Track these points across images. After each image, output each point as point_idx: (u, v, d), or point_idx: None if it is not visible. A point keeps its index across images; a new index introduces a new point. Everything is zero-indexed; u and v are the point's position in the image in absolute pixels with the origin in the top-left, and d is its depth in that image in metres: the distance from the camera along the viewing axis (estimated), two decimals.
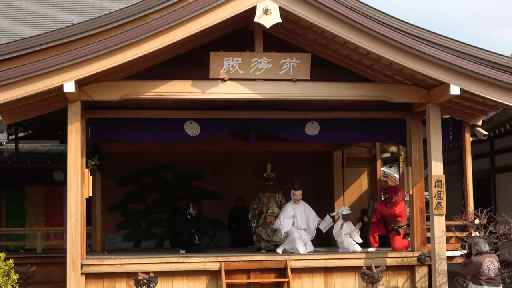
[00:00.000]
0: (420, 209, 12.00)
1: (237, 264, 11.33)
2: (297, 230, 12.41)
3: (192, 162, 17.53)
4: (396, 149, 17.18)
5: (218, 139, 14.95)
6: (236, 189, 17.55)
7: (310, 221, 12.67)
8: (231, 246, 16.76)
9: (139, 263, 11.09)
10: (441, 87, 11.11)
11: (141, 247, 17.29)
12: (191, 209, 13.49)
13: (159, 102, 11.75)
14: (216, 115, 12.01)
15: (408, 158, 12.15)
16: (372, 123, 12.49)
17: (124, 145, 15.09)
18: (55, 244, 16.17)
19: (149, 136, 12.12)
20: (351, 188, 16.42)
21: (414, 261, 11.77)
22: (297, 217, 12.58)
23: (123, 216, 17.39)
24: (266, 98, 11.32)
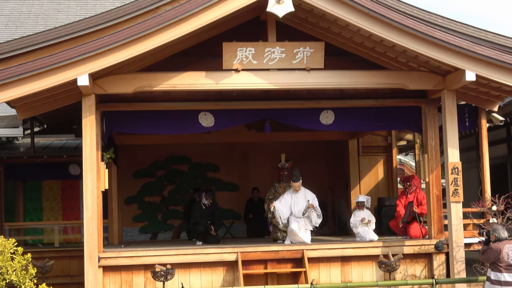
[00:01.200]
0: (437, 196, 11.96)
1: (253, 255, 11.34)
2: (296, 219, 12.32)
3: (208, 153, 17.57)
4: (411, 137, 17.13)
5: (232, 130, 14.98)
6: (251, 180, 17.59)
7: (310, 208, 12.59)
8: (247, 237, 16.80)
9: (156, 255, 11.13)
10: (456, 73, 11.04)
11: (158, 239, 17.36)
12: (203, 199, 13.51)
13: (172, 94, 11.76)
14: (230, 106, 12.00)
15: (424, 146, 12.09)
16: (387, 111, 12.44)
17: (139, 137, 15.13)
18: (72, 237, 16.29)
19: (164, 128, 12.13)
20: (367, 177, 16.39)
21: (431, 249, 11.73)
22: (296, 206, 12.45)
23: (140, 208, 17.45)
24: (280, 88, 11.30)
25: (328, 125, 12.34)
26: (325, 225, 18.17)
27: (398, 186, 15.98)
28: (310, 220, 12.41)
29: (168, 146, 16.86)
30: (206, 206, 13.56)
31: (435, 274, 11.61)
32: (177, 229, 17.52)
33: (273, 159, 15.20)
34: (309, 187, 16.57)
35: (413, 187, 13.11)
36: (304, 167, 17.12)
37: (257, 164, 17.71)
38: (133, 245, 13.69)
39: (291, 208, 12.45)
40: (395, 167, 16.52)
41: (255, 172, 17.71)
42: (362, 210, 12.78)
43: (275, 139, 16.23)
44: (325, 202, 18.24)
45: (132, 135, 14.86)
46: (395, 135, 16.66)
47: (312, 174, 17.63)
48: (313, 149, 17.82)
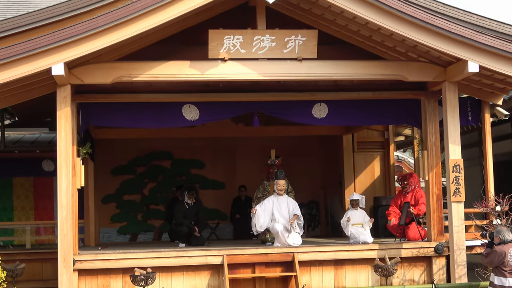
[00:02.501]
0: (437, 196, 12.01)
1: (240, 258, 11.36)
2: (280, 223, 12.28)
3: (192, 149, 17.55)
4: (410, 132, 17.19)
5: (219, 124, 14.96)
6: (239, 177, 17.59)
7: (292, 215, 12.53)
8: (234, 238, 16.81)
9: (135, 258, 11.12)
10: (458, 64, 11.08)
11: (137, 240, 17.34)
12: (187, 198, 13.50)
13: (154, 84, 11.74)
14: (216, 98, 11.99)
15: (424, 142, 12.13)
16: (384, 104, 12.47)
17: (118, 131, 15.09)
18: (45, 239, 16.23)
19: (145, 122, 12.10)
20: (363, 174, 16.43)
21: (431, 252, 11.78)
22: (278, 212, 12.39)
23: (118, 207, 17.42)
24: (269, 79, 11.30)
25: (321, 118, 12.36)
26: (317, 226, 18.23)
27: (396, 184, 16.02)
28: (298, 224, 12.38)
29: (149, 141, 16.83)
30: (190, 205, 13.56)
31: (435, 279, 11.66)
32: (159, 230, 17.50)
33: (262, 155, 15.22)
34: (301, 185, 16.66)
35: (411, 186, 13.17)
36: (296, 164, 17.21)
37: (245, 161, 17.71)
38: (111, 247, 13.66)
39: (273, 214, 12.38)
40: (393, 164, 16.57)
41: (242, 169, 17.70)
42: (356, 209, 12.80)
43: (264, 133, 16.22)
44: (317, 202, 18.30)
45: (111, 129, 14.82)
46: (393, 130, 16.70)
47: (304, 171, 17.69)
48: (305, 144, 17.83)
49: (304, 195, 17.47)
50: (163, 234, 17.43)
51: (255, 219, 12.39)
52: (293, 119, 12.71)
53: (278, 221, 12.27)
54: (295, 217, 12.29)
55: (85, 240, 14.53)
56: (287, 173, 13.15)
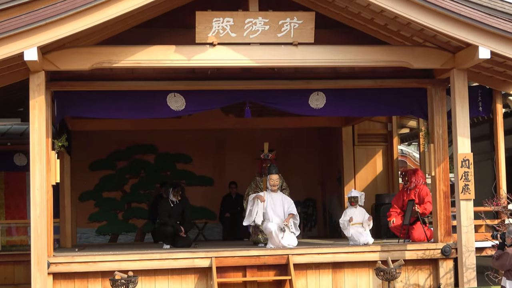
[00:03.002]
0: (444, 193, 12.03)
1: (230, 260, 11.36)
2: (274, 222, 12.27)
3: (177, 142, 17.54)
4: (415, 124, 17.19)
5: (207, 114, 14.95)
6: (229, 173, 17.59)
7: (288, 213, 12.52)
8: (223, 239, 16.83)
9: (116, 260, 11.10)
10: (468, 50, 11.09)
11: (118, 242, 17.34)
12: (172, 196, 13.49)
13: (137, 71, 11.72)
14: (204, 86, 11.97)
15: (430, 134, 12.15)
16: (388, 93, 12.47)
17: (97, 122, 15.06)
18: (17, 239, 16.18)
19: (126, 112, 12.08)
20: (364, 170, 16.45)
21: (437, 254, 11.81)
22: (272, 210, 12.39)
23: (97, 206, 17.40)
24: (262, 66, 11.29)
25: (318, 109, 12.36)
26: (314, 226, 18.26)
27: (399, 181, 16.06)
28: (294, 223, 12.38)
29: (131, 133, 16.80)
30: (175, 203, 13.55)
31: (442, 283, 11.70)
32: (141, 230, 17.49)
33: (254, 148, 15.21)
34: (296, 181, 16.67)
35: (413, 184, 13.18)
36: (291, 159, 17.22)
37: (236, 155, 17.70)
38: (89, 248, 13.65)
39: (267, 211, 12.37)
40: (396, 158, 16.60)
41: (233, 164, 17.70)
42: (354, 207, 12.81)
43: (257, 125, 16.22)
44: (314, 199, 18.32)
45: (89, 120, 14.78)
46: (397, 121, 16.72)
47: (300, 167, 17.71)
48: (301, 137, 17.84)
49: (300, 192, 17.48)
50: (146, 235, 17.42)
51: (258, 208, 12.34)
52: (288, 109, 12.70)
53: (271, 220, 12.27)
54: (291, 217, 12.29)
55: (60, 241, 14.51)
56: (282, 169, 13.16)
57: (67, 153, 14.19)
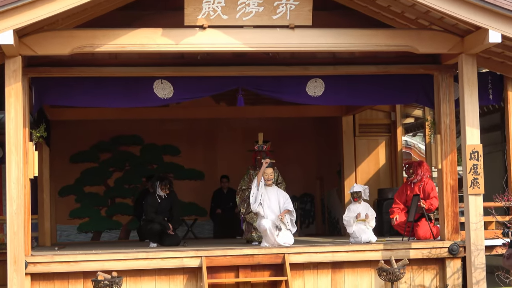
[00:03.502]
0: (452, 187, 12.05)
1: (222, 260, 11.37)
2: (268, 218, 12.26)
3: (165, 132, 17.54)
4: (421, 113, 17.22)
5: (197, 103, 14.94)
6: (220, 166, 17.60)
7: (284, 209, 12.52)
8: (214, 237, 16.84)
9: (98, 260, 11.10)
10: (477, 33, 11.09)
11: (101, 240, 17.34)
12: (159, 190, 13.50)
13: (121, 56, 11.70)
14: (193, 72, 11.96)
15: (437, 124, 12.16)
16: (391, 80, 12.48)
17: (78, 111, 15.05)
18: None
19: (109, 100, 12.07)
20: (365, 162, 16.47)
21: (444, 253, 11.84)
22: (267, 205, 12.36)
23: (78, 201, 17.41)
24: (256, 50, 11.28)
25: (316, 97, 12.36)
26: (312, 223, 18.28)
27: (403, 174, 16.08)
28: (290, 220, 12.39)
29: (115, 123, 16.78)
30: (162, 198, 13.55)
31: (449, 284, 11.73)
32: (126, 227, 17.50)
33: (247, 139, 15.20)
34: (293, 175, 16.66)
35: (418, 176, 13.19)
36: (287, 150, 17.22)
37: (228, 146, 17.71)
38: (69, 247, 13.65)
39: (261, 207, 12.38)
40: (400, 150, 16.62)
41: (224, 157, 17.71)
42: (358, 203, 12.83)
43: (250, 114, 16.22)
44: (312, 194, 18.34)
45: (69, 109, 14.77)
46: (401, 110, 16.74)
47: (297, 159, 17.73)
48: (298, 127, 17.84)
49: (297, 186, 17.51)
50: (131, 232, 17.43)
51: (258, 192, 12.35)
52: (284, 97, 12.70)
53: (266, 216, 12.28)
54: (285, 212, 12.29)
55: (39, 239, 14.51)
56: (277, 161, 13.15)
57: (46, 144, 14.18)
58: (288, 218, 12.31)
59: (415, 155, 24.49)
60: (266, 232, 12.15)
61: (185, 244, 13.29)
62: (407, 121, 18.48)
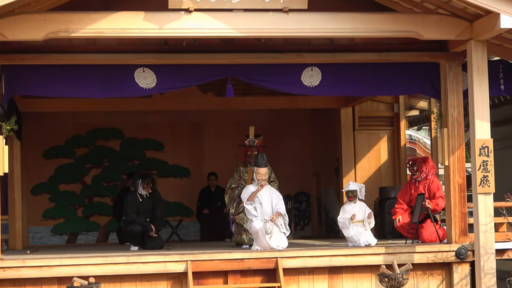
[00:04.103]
0: (460, 186, 12.07)
1: (209, 264, 11.38)
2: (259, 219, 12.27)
3: (147, 125, 17.54)
4: (426, 105, 17.23)
5: (182, 93, 14.93)
6: (208, 162, 17.62)
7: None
8: (201, 240, 16.84)
9: (74, 264, 11.09)
10: (488, 18, 11.10)
11: (77, 243, 17.33)
12: (140, 189, 13.50)
13: (99, 42, 11.69)
14: (178, 60, 11.95)
15: (443, 117, 12.19)
16: (394, 68, 12.50)
17: (52, 102, 15.04)
18: None
19: (86, 90, 12.05)
20: (366, 158, 16.49)
21: (451, 257, 11.87)
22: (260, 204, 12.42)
23: (52, 200, 17.39)
24: (247, 36, 11.27)
25: (312, 87, 12.37)
26: (307, 224, 18.31)
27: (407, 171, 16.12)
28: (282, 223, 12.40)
29: (93, 115, 16.79)
30: (144, 197, 13.56)
31: None
32: (104, 229, 17.50)
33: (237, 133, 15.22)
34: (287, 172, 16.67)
35: (423, 174, 13.21)
36: (280, 145, 17.24)
37: (216, 141, 17.72)
38: (43, 250, 13.64)
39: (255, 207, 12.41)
40: (404, 146, 16.64)
41: (212, 152, 17.72)
42: (353, 202, 12.83)
43: (240, 106, 16.22)
44: (308, 193, 18.36)
45: (43, 99, 14.75)
46: (404, 102, 16.75)
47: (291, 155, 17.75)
48: (292, 120, 17.85)
49: (291, 184, 17.54)
50: (110, 235, 17.43)
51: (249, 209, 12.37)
52: (277, 87, 12.71)
53: (258, 216, 12.29)
54: (278, 214, 12.29)
55: (9, 241, 14.49)
56: (270, 157, 13.14)
57: (17, 138, 14.16)
58: (281, 220, 12.32)
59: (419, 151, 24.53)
60: (257, 234, 12.16)
61: (169, 247, 13.30)
62: (411, 114, 18.49)
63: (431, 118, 14.55)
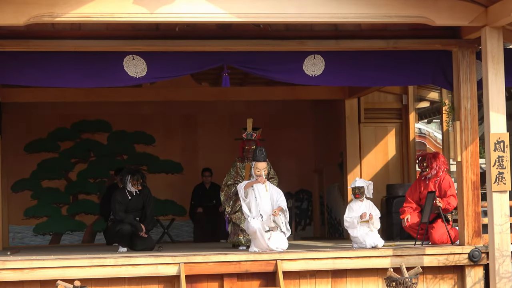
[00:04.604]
0: (473, 183, 12.07)
1: (204, 267, 11.38)
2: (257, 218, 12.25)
3: (137, 117, 17.54)
4: (437, 96, 17.24)
5: (174, 83, 14.93)
6: (202, 157, 17.61)
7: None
8: (195, 240, 16.85)
9: (58, 266, 11.09)
10: (504, 2, 11.09)
11: (61, 243, 17.33)
12: (129, 186, 13.49)
13: (85, 28, 11.67)
14: (170, 47, 11.94)
15: (456, 109, 12.18)
16: (402, 57, 12.49)
17: (35, 92, 15.02)
18: None
19: (72, 79, 12.02)
20: (372, 154, 16.50)
21: (463, 260, 11.87)
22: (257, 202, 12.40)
23: (35, 197, 17.39)
24: (245, 21, 11.26)
25: (315, 76, 12.36)
26: (309, 224, 18.32)
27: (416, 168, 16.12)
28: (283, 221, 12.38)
29: (78, 106, 16.78)
30: (134, 195, 13.56)
31: None
32: (91, 229, 17.50)
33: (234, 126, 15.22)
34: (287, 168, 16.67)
35: (433, 170, 13.21)
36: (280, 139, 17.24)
37: (211, 134, 17.73)
38: (24, 251, 13.65)
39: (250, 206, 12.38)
40: (413, 140, 16.65)
41: (207, 146, 17.72)
42: (360, 200, 12.82)
43: (237, 96, 16.21)
44: (309, 191, 18.37)
45: (24, 89, 14.74)
46: (414, 93, 16.75)
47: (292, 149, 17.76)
48: (293, 112, 17.86)
49: (292, 182, 17.55)
50: (96, 235, 17.43)
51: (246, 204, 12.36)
52: (276, 76, 12.70)
53: (255, 215, 12.28)
54: (280, 209, 12.26)
55: None
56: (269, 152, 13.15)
57: None
58: (282, 217, 12.29)
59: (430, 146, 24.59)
60: (255, 235, 12.15)
61: (160, 248, 13.30)
62: (421, 105, 18.48)
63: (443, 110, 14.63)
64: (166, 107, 17.35)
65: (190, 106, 17.44)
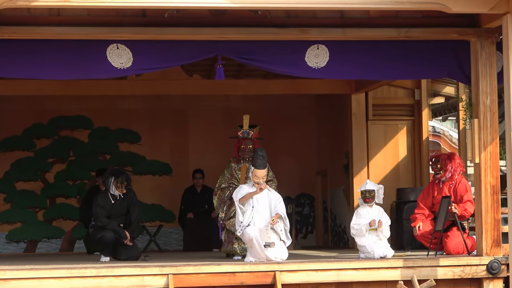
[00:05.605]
0: (492, 188, 12.08)
1: (194, 279, 11.40)
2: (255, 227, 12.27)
3: (121, 113, 17.55)
4: (453, 91, 17.27)
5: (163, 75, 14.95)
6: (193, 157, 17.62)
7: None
8: (185, 249, 16.86)
9: (34, 277, 11.09)
10: None
11: (37, 252, 17.34)
12: (112, 188, 13.50)
13: (64, 13, 11.67)
14: (158, 35, 11.95)
15: (474, 105, 12.21)
16: (415, 47, 12.51)
17: (8, 85, 15.02)
18: None
19: (49, 70, 12.03)
20: (381, 154, 16.53)
21: (481, 272, 11.89)
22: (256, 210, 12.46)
23: (8, 201, 17.41)
24: (241, 7, 11.28)
25: (318, 69, 12.38)
26: (311, 231, 18.34)
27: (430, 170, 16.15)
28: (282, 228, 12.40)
29: (56, 100, 16.79)
30: (117, 199, 13.57)
31: None
32: (70, 236, 17.50)
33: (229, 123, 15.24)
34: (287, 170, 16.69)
35: (448, 173, 13.22)
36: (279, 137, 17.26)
37: (203, 132, 17.74)
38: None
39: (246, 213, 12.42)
40: (426, 139, 16.68)
41: (198, 145, 17.74)
42: (369, 206, 12.82)
43: (232, 90, 16.23)
44: (312, 196, 18.39)
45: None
46: (427, 87, 16.78)
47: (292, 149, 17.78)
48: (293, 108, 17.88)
49: (292, 185, 17.58)
50: (76, 242, 17.43)
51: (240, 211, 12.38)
52: (276, 68, 12.72)
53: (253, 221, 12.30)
54: (279, 216, 12.27)
55: None
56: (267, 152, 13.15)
57: None
58: (281, 225, 12.31)
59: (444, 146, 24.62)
60: (252, 243, 12.16)
61: (147, 258, 13.32)
62: (435, 101, 18.53)
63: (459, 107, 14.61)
64: (153, 101, 17.37)
65: (180, 100, 17.46)
